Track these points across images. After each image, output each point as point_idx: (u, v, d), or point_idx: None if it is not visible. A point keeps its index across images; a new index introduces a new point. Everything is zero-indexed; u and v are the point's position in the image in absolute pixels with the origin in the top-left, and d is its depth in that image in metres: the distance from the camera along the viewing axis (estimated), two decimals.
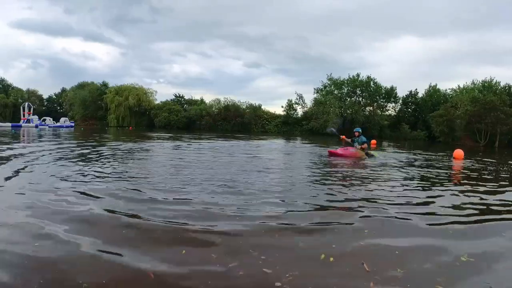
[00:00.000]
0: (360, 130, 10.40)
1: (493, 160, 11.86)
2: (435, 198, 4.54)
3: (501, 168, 9.15)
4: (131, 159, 7.85)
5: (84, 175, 5.23)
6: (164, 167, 6.44)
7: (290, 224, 3.13)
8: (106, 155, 8.54)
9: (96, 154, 8.55)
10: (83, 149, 10.22)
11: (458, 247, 2.67)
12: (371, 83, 37.72)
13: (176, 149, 11.33)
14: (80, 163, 6.69)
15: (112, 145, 12.05)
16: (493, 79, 32.55)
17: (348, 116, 36.04)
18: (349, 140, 10.31)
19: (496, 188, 5.67)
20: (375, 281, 2.05)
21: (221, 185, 4.81)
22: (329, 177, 6.08)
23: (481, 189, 5.44)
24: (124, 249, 2.41)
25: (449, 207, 4.06)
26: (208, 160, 7.91)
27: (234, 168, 6.63)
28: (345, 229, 3.07)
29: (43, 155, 7.89)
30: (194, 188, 4.52)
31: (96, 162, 6.84)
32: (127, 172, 5.73)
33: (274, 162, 8.20)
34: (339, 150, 9.81)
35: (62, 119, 39.18)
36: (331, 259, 2.33)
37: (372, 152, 10.47)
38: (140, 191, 4.25)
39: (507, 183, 6.37)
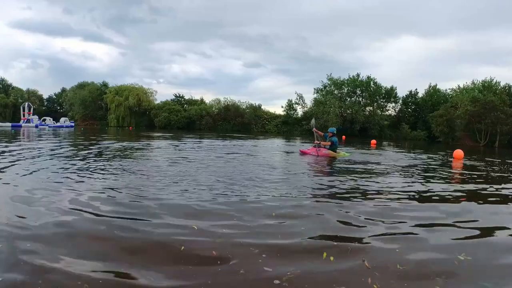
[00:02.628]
0: (335, 131, 10.45)
1: (493, 160, 11.86)
2: (434, 198, 4.55)
3: (501, 168, 9.15)
4: (129, 158, 7.85)
5: (79, 175, 5.24)
6: (163, 166, 6.44)
7: (291, 223, 3.13)
8: (104, 154, 8.55)
9: (94, 154, 8.56)
10: (81, 149, 10.22)
11: (456, 246, 2.68)
12: (371, 83, 37.73)
13: (175, 148, 11.33)
14: (76, 162, 6.69)
15: (111, 145, 12.06)
16: (493, 79, 32.60)
17: (348, 116, 36.07)
18: (321, 133, 10.41)
19: (496, 188, 5.68)
20: (374, 277, 2.05)
21: (220, 183, 4.82)
22: (328, 177, 6.08)
23: (481, 189, 5.45)
24: (122, 247, 2.42)
25: (448, 206, 4.07)
26: (207, 159, 7.91)
27: (233, 167, 6.63)
28: (346, 228, 3.07)
29: (38, 155, 7.90)
30: (193, 186, 4.52)
31: (92, 162, 6.85)
32: (126, 170, 5.73)
33: (274, 162, 8.20)
34: (311, 151, 10.04)
35: (62, 119, 39.16)
36: (331, 258, 2.33)
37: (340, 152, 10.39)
38: (138, 189, 4.26)
39: (507, 183, 6.38)
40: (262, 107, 43.07)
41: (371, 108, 37.85)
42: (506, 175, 7.70)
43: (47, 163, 6.39)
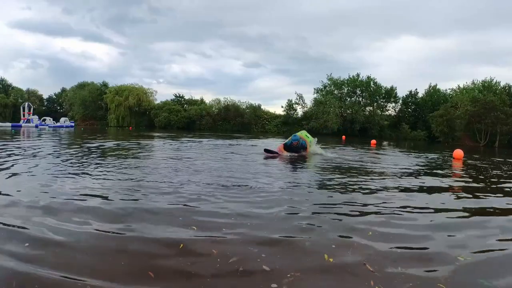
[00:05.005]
0: (298, 139, 9.67)
1: (493, 160, 11.85)
2: (434, 198, 4.53)
3: (500, 168, 9.14)
4: (127, 157, 7.83)
5: (76, 175, 5.22)
6: (160, 166, 6.42)
7: (291, 223, 3.12)
8: (102, 154, 8.54)
9: (91, 154, 8.55)
10: (79, 148, 10.21)
11: (456, 246, 2.66)
12: (371, 83, 37.75)
13: (173, 148, 11.32)
14: (73, 161, 6.68)
15: (110, 145, 12.04)
16: (493, 79, 32.63)
17: (348, 116, 36.08)
18: (281, 148, 9.77)
19: (494, 188, 5.66)
20: (376, 279, 2.04)
21: (219, 183, 4.80)
22: (327, 178, 6.06)
23: (480, 189, 5.43)
24: (122, 247, 2.40)
25: (448, 207, 4.06)
26: (206, 158, 7.89)
27: (232, 167, 6.61)
28: (346, 228, 3.05)
29: (36, 155, 7.88)
30: (192, 184, 4.50)
31: (90, 161, 6.83)
32: (124, 169, 5.71)
33: (272, 162, 8.19)
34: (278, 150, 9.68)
35: (62, 119, 39.13)
36: (331, 259, 2.31)
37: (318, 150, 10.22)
38: (135, 188, 4.24)
39: (505, 183, 6.37)
40: (262, 107, 43.11)
41: (371, 108, 37.86)
42: (506, 175, 7.68)
43: (44, 162, 6.37)
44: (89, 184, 4.53)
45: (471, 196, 4.79)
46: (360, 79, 37.93)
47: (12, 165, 5.97)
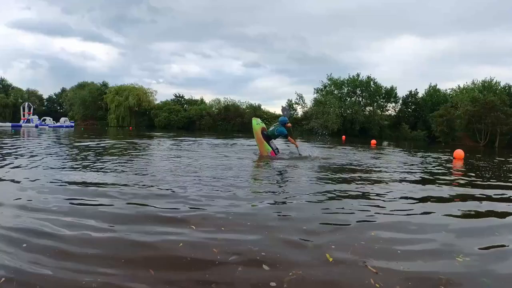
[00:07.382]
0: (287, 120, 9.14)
1: (493, 160, 11.85)
2: (434, 198, 4.52)
3: (501, 168, 9.13)
4: (126, 157, 7.82)
5: (74, 173, 5.21)
6: (157, 165, 6.41)
7: (291, 223, 3.10)
8: (101, 153, 8.52)
9: (90, 153, 8.54)
10: (78, 148, 10.19)
11: (457, 246, 2.65)
12: (371, 83, 37.78)
13: (171, 148, 11.31)
14: (71, 161, 6.66)
15: (109, 145, 12.03)
16: (493, 79, 32.66)
17: (348, 116, 36.09)
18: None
19: (494, 188, 5.65)
20: (376, 277, 2.02)
21: (218, 183, 4.78)
22: (326, 177, 6.05)
23: (481, 189, 5.42)
24: (122, 246, 2.39)
25: (449, 206, 4.05)
26: (206, 158, 7.88)
27: (232, 167, 6.59)
28: (347, 228, 3.04)
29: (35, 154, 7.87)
30: (190, 184, 4.49)
31: (88, 161, 6.82)
32: (120, 168, 5.70)
33: (272, 162, 8.17)
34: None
35: (62, 119, 39.18)
36: (331, 259, 2.30)
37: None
38: (132, 186, 4.23)
39: (506, 183, 6.36)
40: (262, 107, 43.23)
41: (371, 108, 37.90)
42: (505, 175, 7.67)
43: (42, 162, 6.36)
44: (85, 183, 4.51)
45: (471, 195, 4.77)
46: (360, 79, 37.95)
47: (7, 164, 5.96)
